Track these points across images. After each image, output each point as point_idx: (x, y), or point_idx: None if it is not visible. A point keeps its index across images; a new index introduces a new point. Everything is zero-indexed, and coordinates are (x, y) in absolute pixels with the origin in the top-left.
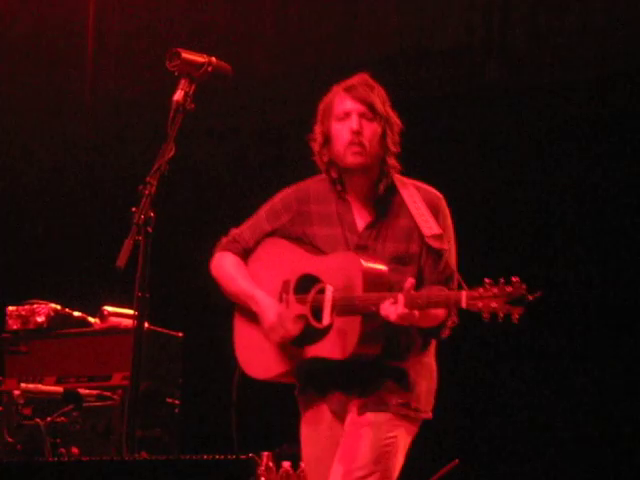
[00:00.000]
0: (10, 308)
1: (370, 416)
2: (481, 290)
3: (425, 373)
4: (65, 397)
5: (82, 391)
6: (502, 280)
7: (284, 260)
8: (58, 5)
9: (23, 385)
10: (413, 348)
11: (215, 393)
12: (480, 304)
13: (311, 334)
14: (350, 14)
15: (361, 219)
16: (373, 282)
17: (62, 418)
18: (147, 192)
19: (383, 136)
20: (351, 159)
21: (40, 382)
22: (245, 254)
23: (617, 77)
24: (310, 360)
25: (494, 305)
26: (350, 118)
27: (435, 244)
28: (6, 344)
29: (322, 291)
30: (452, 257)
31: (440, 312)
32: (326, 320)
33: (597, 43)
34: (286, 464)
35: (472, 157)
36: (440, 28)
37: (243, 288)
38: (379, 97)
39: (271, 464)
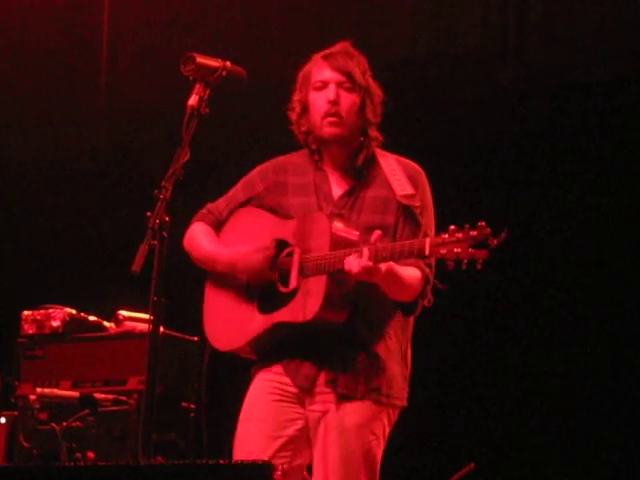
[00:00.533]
0: (25, 313)
1: (347, 413)
2: (445, 236)
3: (397, 358)
4: (81, 402)
5: (98, 395)
6: (467, 225)
7: (255, 228)
8: (72, 9)
9: (39, 390)
10: (386, 327)
11: (233, 397)
12: (443, 250)
13: (278, 300)
14: (365, 17)
15: (338, 189)
16: (341, 242)
17: (78, 423)
18: (162, 196)
19: (362, 107)
20: (327, 130)
21: (56, 387)
22: (219, 225)
23: (633, 79)
24: (275, 328)
25: (457, 250)
26: (327, 88)
27: (406, 201)
28: (22, 349)
29: (291, 254)
30: (430, 231)
31: (414, 284)
32: (292, 283)
33: (613, 45)
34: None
35: (485, 161)
36: (455, 31)
37: (210, 250)
38: (359, 66)
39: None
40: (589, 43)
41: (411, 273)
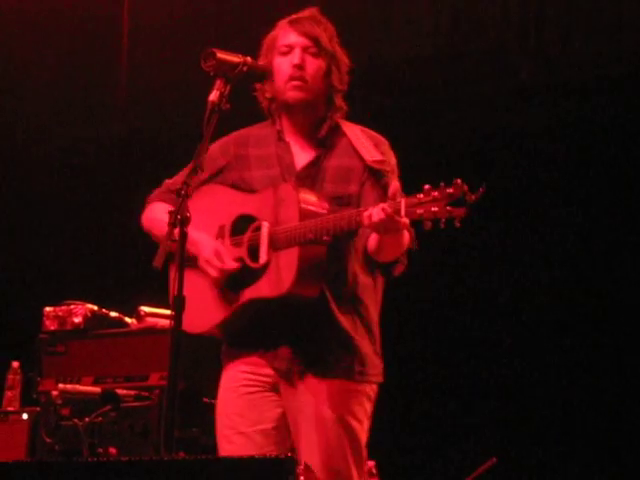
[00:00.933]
0: (47, 309)
1: (325, 398)
2: (420, 196)
3: (367, 335)
4: (103, 397)
5: (120, 391)
6: (442, 184)
7: (219, 205)
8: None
9: (61, 385)
10: (355, 303)
11: None
12: (420, 210)
13: (249, 277)
14: (384, 14)
15: (301, 159)
16: (309, 212)
17: (100, 418)
18: (184, 192)
19: (328, 73)
20: (291, 94)
21: (77, 383)
22: None
23: None
24: (246, 306)
25: (435, 209)
26: (293, 52)
27: (378, 166)
28: (43, 345)
29: (259, 229)
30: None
31: (406, 242)
32: (262, 258)
33: (632, 40)
34: None
35: (507, 157)
36: (475, 27)
37: None
38: (326, 32)
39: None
40: (608, 38)
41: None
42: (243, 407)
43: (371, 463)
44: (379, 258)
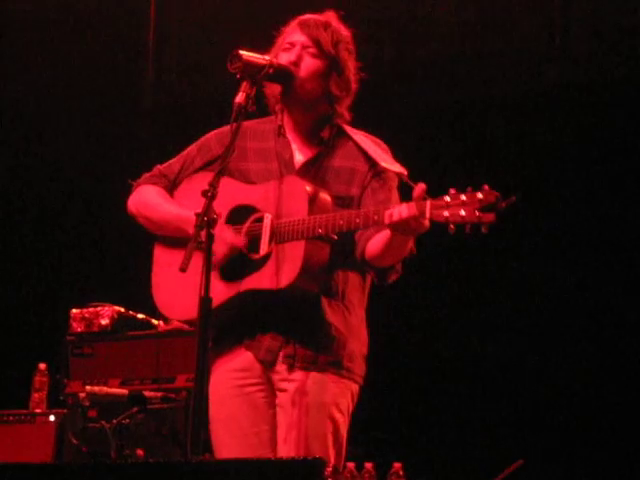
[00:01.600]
0: (74, 311)
1: (310, 388)
2: (447, 198)
3: (356, 334)
4: (130, 399)
5: (147, 393)
6: (470, 188)
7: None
8: (119, 5)
9: (88, 388)
10: (347, 301)
11: None
12: (447, 213)
13: (245, 267)
14: (409, 14)
15: (300, 156)
16: (319, 207)
17: (127, 420)
18: (210, 194)
19: (325, 75)
20: None
21: (104, 384)
22: (170, 189)
23: None
24: (240, 296)
25: (463, 213)
26: (293, 49)
27: (393, 168)
28: (70, 347)
29: (260, 220)
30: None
31: (409, 247)
32: (264, 249)
33: None
34: (350, 465)
35: (532, 159)
36: (501, 28)
37: (172, 211)
38: (332, 36)
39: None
40: (634, 39)
41: None
42: (236, 409)
43: (398, 465)
44: (378, 263)
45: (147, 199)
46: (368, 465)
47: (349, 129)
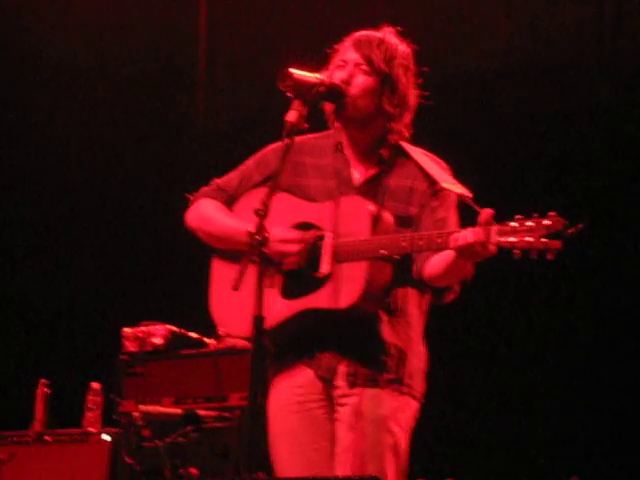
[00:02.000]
0: (126, 330)
1: (371, 404)
2: (513, 224)
3: (415, 351)
4: (185, 418)
5: (201, 412)
6: (536, 214)
7: (273, 210)
8: (168, 28)
9: (142, 407)
10: (409, 318)
11: None
12: (513, 239)
13: (304, 286)
14: (459, 28)
15: (359, 175)
16: (381, 228)
17: (181, 439)
18: (262, 213)
19: (377, 92)
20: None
21: (158, 403)
22: (228, 203)
23: None
24: (301, 314)
25: (529, 240)
26: (345, 67)
27: (455, 189)
28: (123, 366)
29: (320, 239)
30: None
31: (469, 268)
32: (325, 268)
33: None
34: None
35: (584, 175)
36: (550, 42)
37: (232, 225)
38: (385, 53)
39: None
40: None
41: None
42: (297, 425)
43: None
44: (436, 283)
45: (206, 213)
46: None
47: (408, 147)
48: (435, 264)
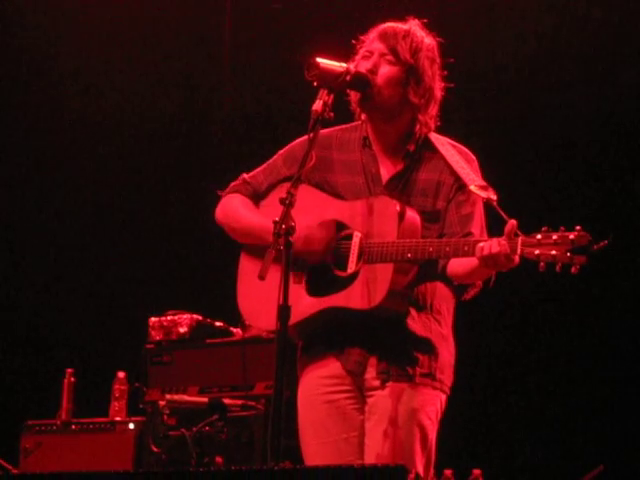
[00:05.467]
0: (152, 319)
1: (402, 398)
2: (539, 237)
3: (446, 345)
4: (210, 407)
5: (227, 401)
6: (562, 228)
7: (303, 205)
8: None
9: (168, 396)
10: (440, 313)
11: None
12: (537, 251)
13: (331, 283)
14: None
15: (386, 171)
16: (408, 229)
17: (207, 428)
18: (288, 202)
19: (403, 83)
20: None
21: (183, 392)
22: (256, 198)
23: None
24: (326, 312)
25: (554, 253)
26: (371, 57)
27: (482, 193)
28: (149, 355)
29: (348, 238)
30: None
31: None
32: (351, 267)
33: None
34: (448, 472)
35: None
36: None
37: (256, 221)
38: (411, 44)
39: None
40: None
41: None
42: (326, 415)
43: (477, 471)
44: (458, 281)
45: (232, 209)
46: (447, 472)
47: (435, 138)
48: (459, 265)
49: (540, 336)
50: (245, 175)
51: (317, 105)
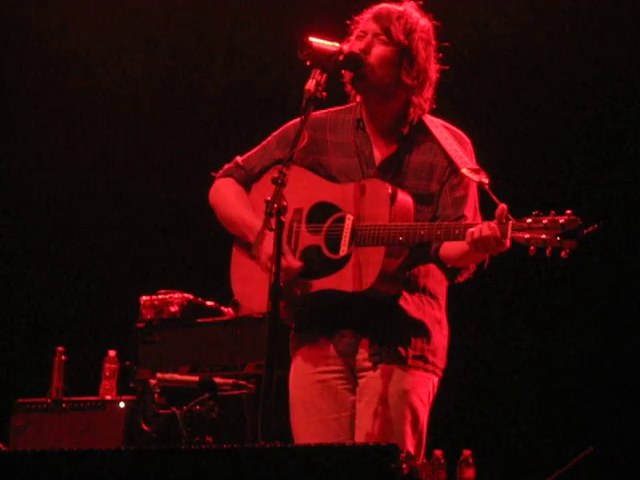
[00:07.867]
0: (144, 298)
1: (394, 379)
2: (529, 220)
3: (439, 327)
4: (201, 386)
5: (218, 380)
6: (553, 212)
7: (295, 187)
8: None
9: (159, 375)
10: (434, 295)
11: None
12: (528, 235)
13: (323, 266)
14: None
15: (380, 153)
16: (400, 212)
17: (198, 407)
18: (280, 181)
19: (395, 63)
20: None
21: (174, 371)
22: (249, 181)
23: None
24: (318, 294)
25: (544, 237)
26: (364, 37)
27: (474, 177)
28: (140, 334)
29: (340, 220)
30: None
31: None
32: (343, 250)
33: None
34: (438, 452)
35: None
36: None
37: (242, 216)
38: (405, 25)
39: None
40: None
41: None
42: (317, 395)
43: (467, 452)
44: (451, 264)
45: (223, 196)
46: (437, 452)
47: (429, 121)
48: (451, 248)
49: (531, 318)
50: (238, 158)
51: (310, 84)
